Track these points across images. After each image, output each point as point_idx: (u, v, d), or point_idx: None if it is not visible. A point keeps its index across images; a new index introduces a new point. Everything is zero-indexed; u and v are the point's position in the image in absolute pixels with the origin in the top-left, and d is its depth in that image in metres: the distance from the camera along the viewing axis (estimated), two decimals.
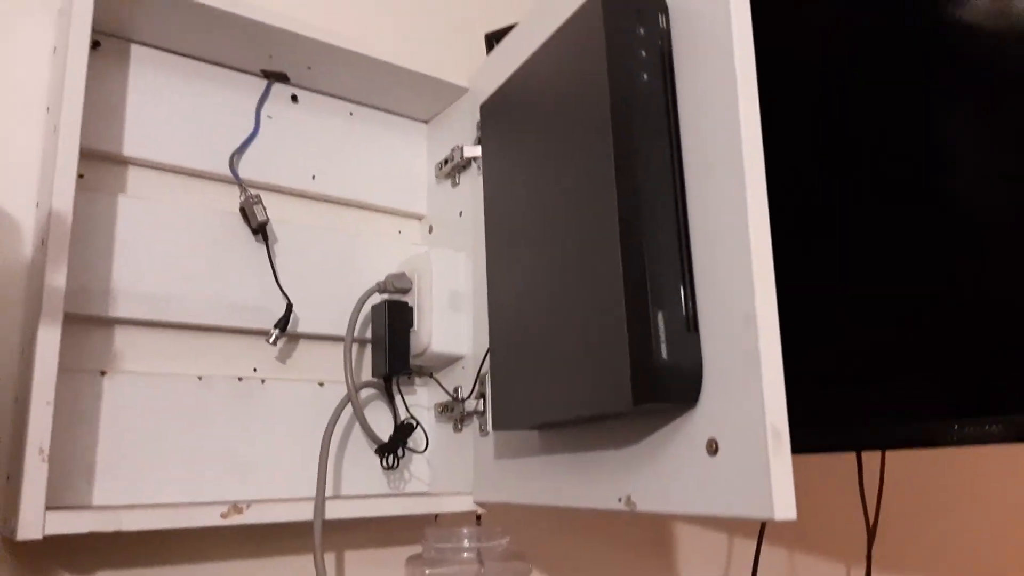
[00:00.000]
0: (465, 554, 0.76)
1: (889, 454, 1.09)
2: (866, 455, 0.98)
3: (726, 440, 0.53)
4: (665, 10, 0.60)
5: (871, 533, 0.98)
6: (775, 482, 0.49)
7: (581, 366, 0.59)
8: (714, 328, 0.54)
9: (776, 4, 0.86)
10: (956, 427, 0.77)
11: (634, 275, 0.55)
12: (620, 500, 0.61)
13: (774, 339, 0.52)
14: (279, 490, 0.79)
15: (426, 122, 0.97)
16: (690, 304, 0.55)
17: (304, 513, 0.71)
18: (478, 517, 0.86)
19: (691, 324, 0.55)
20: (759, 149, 0.54)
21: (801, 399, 0.83)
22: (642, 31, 0.58)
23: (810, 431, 0.84)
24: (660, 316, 0.54)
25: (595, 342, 0.57)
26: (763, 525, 1.01)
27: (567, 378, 0.61)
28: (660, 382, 0.54)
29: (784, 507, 0.49)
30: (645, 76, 0.58)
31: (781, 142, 0.84)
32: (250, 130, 0.83)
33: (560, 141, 0.64)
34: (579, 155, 0.61)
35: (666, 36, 0.59)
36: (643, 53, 0.58)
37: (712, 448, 0.53)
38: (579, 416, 0.61)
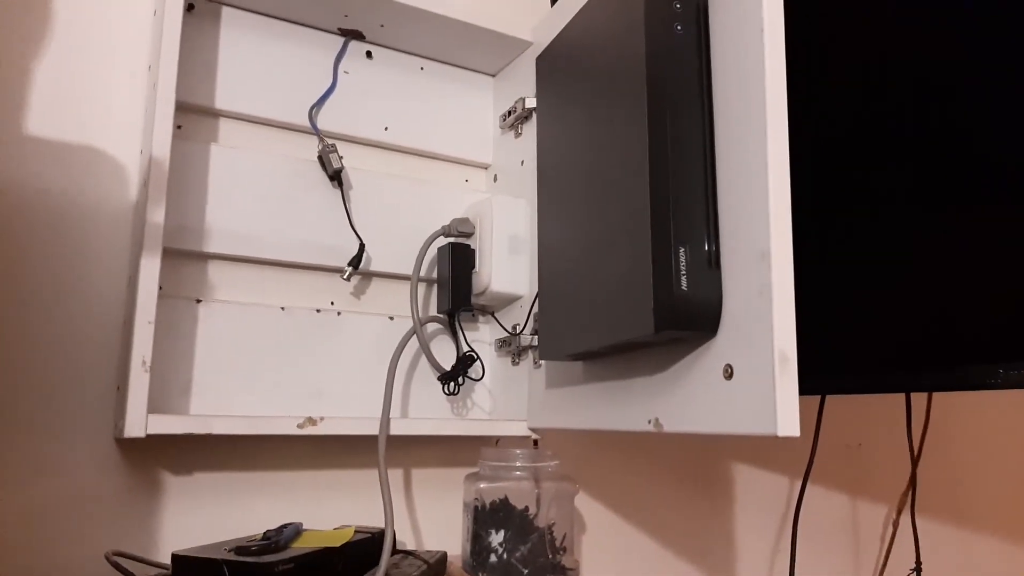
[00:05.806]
0: (517, 472, 0.83)
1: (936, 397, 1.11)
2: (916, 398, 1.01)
3: (740, 365, 0.57)
4: None
5: (915, 463, 1.03)
6: (780, 401, 0.54)
7: (613, 298, 0.65)
8: (735, 265, 0.59)
9: None
10: (1001, 371, 0.79)
11: (660, 213, 0.59)
12: (649, 422, 0.67)
13: (787, 274, 0.56)
14: (351, 411, 0.88)
15: (493, 76, 1.02)
16: (713, 242, 0.60)
17: (371, 428, 0.79)
18: (535, 441, 0.93)
19: (713, 261, 0.60)
20: (782, 96, 0.57)
21: (856, 346, 0.86)
22: None
23: (864, 374, 0.88)
24: (683, 252, 0.59)
25: (625, 275, 0.63)
26: (812, 452, 1.04)
27: (602, 310, 0.67)
28: (680, 311, 0.59)
29: (787, 425, 0.54)
30: (679, 27, 0.62)
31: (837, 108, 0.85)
32: (328, 85, 0.91)
33: (603, 90, 0.69)
34: (618, 103, 0.66)
35: None
36: (677, 6, 0.62)
37: (728, 373, 0.58)
38: (612, 344, 0.66)
